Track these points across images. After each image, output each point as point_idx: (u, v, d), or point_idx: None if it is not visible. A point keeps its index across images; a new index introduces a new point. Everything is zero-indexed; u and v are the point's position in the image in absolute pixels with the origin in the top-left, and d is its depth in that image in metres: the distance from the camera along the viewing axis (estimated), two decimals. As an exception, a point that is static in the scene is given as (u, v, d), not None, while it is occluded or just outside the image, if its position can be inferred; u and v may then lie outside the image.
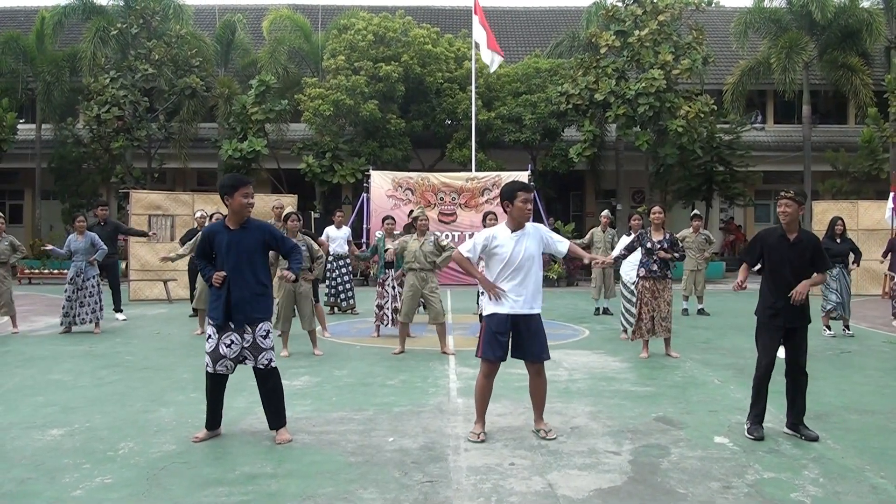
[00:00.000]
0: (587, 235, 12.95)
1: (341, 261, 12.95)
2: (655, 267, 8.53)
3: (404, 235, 9.37)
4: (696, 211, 14.27)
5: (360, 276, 19.19)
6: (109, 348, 9.30)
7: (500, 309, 5.19)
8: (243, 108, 22.06)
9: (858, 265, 10.75)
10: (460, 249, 5.39)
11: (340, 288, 13.00)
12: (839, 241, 10.40)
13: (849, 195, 21.31)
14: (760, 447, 5.04)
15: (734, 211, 27.75)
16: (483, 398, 5.31)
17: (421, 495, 4.14)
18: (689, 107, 20.37)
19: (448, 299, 14.33)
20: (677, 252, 8.73)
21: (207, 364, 5.11)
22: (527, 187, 5.33)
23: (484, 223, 10.31)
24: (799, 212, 5.35)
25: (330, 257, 12.79)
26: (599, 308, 12.95)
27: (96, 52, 22.92)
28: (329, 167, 22.41)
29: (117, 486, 4.27)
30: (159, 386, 7.00)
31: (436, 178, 20.38)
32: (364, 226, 20.26)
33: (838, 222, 10.46)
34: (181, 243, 13.25)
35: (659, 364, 8.18)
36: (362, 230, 20.29)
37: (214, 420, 5.25)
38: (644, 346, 8.63)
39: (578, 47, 24.51)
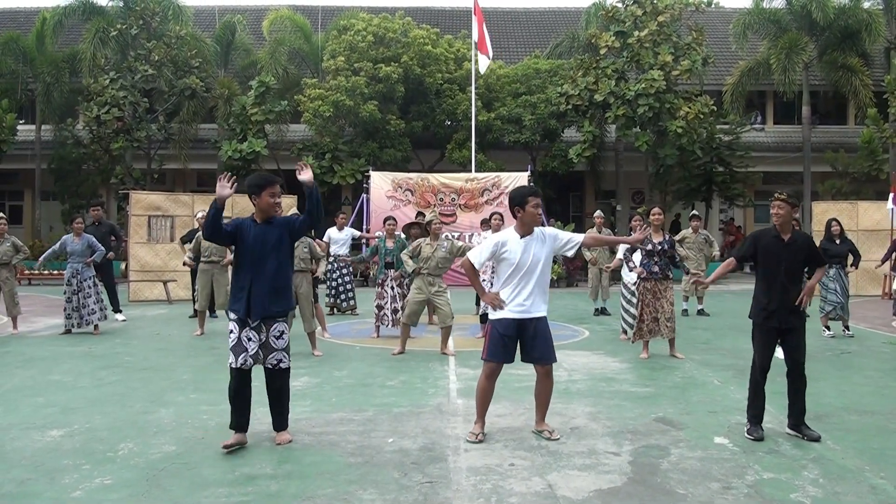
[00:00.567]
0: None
1: (342, 262, 12.98)
2: (656, 268, 8.54)
3: (419, 239, 9.32)
4: (695, 211, 14.27)
5: (360, 277, 19.18)
6: (109, 349, 9.30)
7: (508, 313, 5.19)
8: (243, 109, 22.05)
9: (857, 267, 10.74)
10: (469, 255, 5.38)
11: (341, 289, 13.02)
12: (838, 242, 10.44)
13: (848, 196, 21.29)
14: (760, 448, 5.04)
15: (734, 212, 27.75)
16: (484, 399, 5.32)
17: (421, 496, 4.14)
18: (689, 107, 20.37)
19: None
20: (676, 257, 8.76)
21: (231, 360, 5.00)
22: (536, 192, 5.32)
23: (489, 223, 10.32)
24: (792, 214, 5.38)
25: (330, 258, 12.81)
26: (598, 308, 12.97)
27: (96, 53, 22.90)
28: (329, 168, 22.40)
29: (117, 487, 4.27)
30: (159, 387, 7.00)
31: (435, 179, 20.37)
32: (364, 226, 20.25)
33: (833, 223, 10.52)
34: (181, 242, 13.30)
35: (659, 365, 8.19)
36: (362, 231, 20.27)
37: (241, 422, 5.03)
38: (644, 347, 8.64)
39: (578, 48, 24.50)
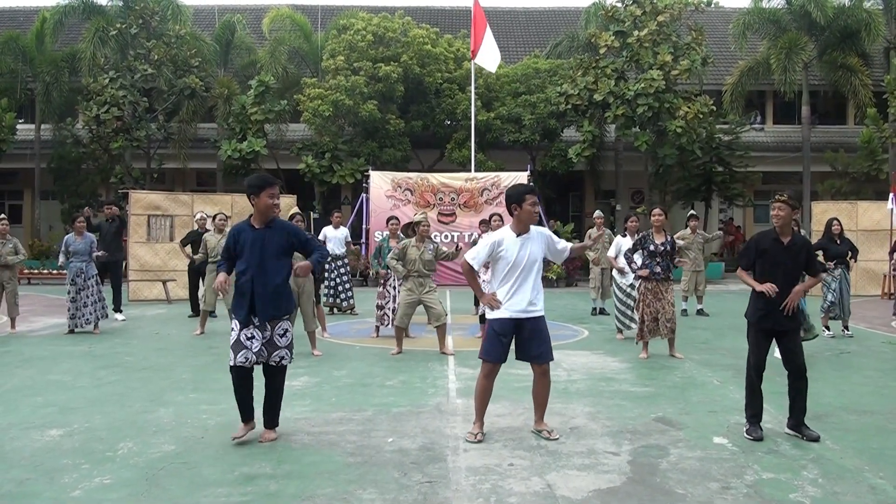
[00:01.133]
0: (585, 239, 13.03)
1: (339, 261, 13.00)
2: (658, 269, 8.53)
3: (406, 239, 9.33)
4: (693, 211, 14.27)
5: (360, 277, 19.19)
6: (109, 349, 9.30)
7: (504, 313, 5.20)
8: (242, 109, 22.06)
9: (856, 261, 10.80)
10: (466, 257, 5.40)
11: (340, 288, 13.03)
12: (839, 242, 10.43)
13: (848, 196, 21.31)
14: (759, 448, 5.05)
15: (733, 211, 27.76)
16: (483, 399, 5.32)
17: (420, 496, 4.14)
18: (689, 107, 20.38)
19: (447, 300, 14.34)
20: (676, 257, 8.76)
21: (230, 358, 5.06)
22: (533, 190, 5.34)
23: (489, 224, 10.30)
24: (792, 215, 5.36)
25: (328, 257, 12.82)
26: (596, 308, 12.97)
27: (96, 53, 22.90)
28: (328, 167, 22.41)
29: (116, 487, 4.27)
30: (158, 386, 7.00)
31: (435, 179, 20.36)
32: (363, 226, 20.26)
33: (834, 223, 10.49)
34: (181, 245, 13.27)
35: (658, 364, 8.19)
36: (361, 230, 20.29)
37: (247, 413, 5.19)
38: (644, 347, 8.64)
39: (578, 48, 24.51)
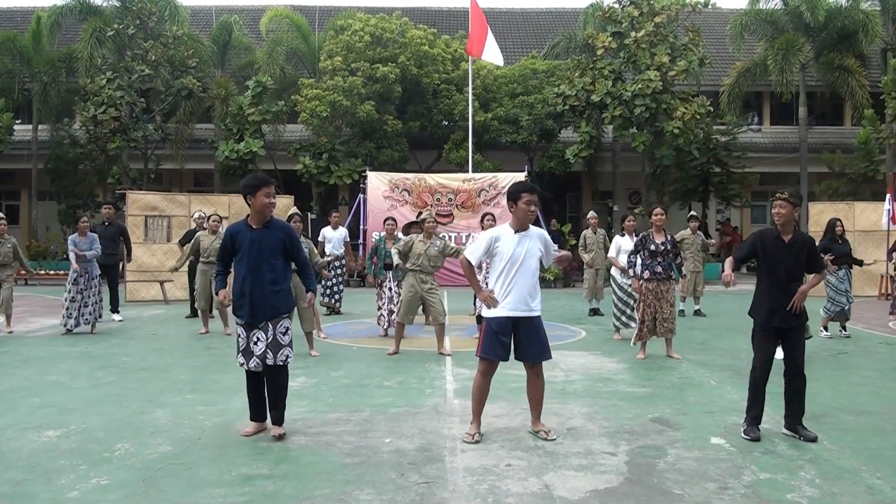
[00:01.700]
0: (580, 238, 13.07)
1: (337, 262, 13.01)
2: (659, 269, 8.52)
3: (412, 234, 9.29)
4: (693, 212, 14.27)
5: (357, 278, 19.17)
6: (106, 349, 9.29)
7: (501, 311, 5.19)
8: (240, 109, 22.02)
9: (861, 265, 10.76)
10: (465, 253, 5.41)
11: (335, 289, 13.04)
12: (840, 242, 10.36)
13: (845, 196, 21.33)
14: (757, 448, 5.05)
15: (730, 212, 27.77)
16: (480, 398, 5.31)
17: (417, 496, 4.14)
18: (686, 108, 20.38)
19: (445, 300, 14.31)
20: (678, 257, 8.78)
21: (240, 361, 5.25)
22: (532, 189, 5.31)
23: (482, 224, 10.32)
24: (793, 213, 5.35)
25: (328, 257, 12.82)
26: (592, 309, 12.98)
27: (93, 53, 22.83)
28: (326, 168, 22.38)
29: (113, 488, 4.27)
30: (156, 387, 6.99)
31: (433, 179, 20.36)
32: (361, 227, 20.24)
33: (838, 223, 10.36)
34: (180, 244, 13.27)
35: (655, 365, 8.19)
36: (359, 231, 20.28)
37: (258, 413, 5.36)
38: (642, 348, 8.64)
39: (575, 49, 24.51)
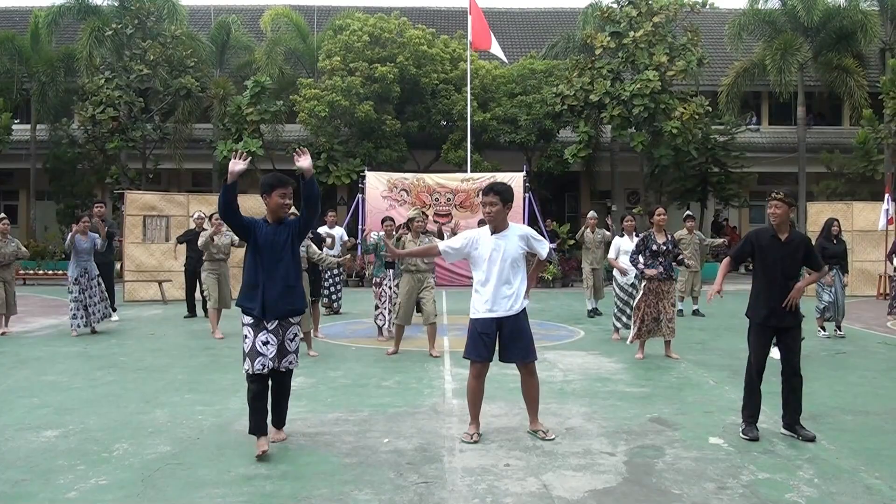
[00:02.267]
0: (578, 234, 13.12)
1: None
2: (661, 268, 8.52)
3: (402, 233, 9.31)
4: (689, 212, 14.28)
5: (356, 277, 19.16)
6: (104, 349, 9.28)
7: (485, 312, 5.21)
8: (238, 109, 22.00)
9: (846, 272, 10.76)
10: (439, 245, 5.54)
11: (333, 289, 13.05)
12: (835, 242, 10.42)
13: (843, 196, 21.35)
14: (755, 448, 5.05)
15: (729, 212, 27.80)
16: (475, 399, 5.32)
17: (416, 496, 4.14)
18: (684, 108, 20.39)
19: (443, 300, 14.33)
20: (680, 256, 8.79)
21: (246, 366, 4.91)
22: (491, 190, 5.19)
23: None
24: (789, 213, 5.35)
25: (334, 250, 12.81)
26: (591, 309, 12.97)
27: (91, 53, 22.85)
28: (324, 168, 22.36)
29: (112, 488, 4.26)
30: (154, 387, 6.99)
31: (431, 179, 20.35)
32: (359, 227, 20.22)
33: (835, 223, 10.43)
34: (178, 242, 13.30)
35: (654, 365, 8.19)
36: (357, 231, 20.24)
37: (263, 425, 4.92)
38: (640, 348, 8.64)
39: (574, 48, 24.53)
